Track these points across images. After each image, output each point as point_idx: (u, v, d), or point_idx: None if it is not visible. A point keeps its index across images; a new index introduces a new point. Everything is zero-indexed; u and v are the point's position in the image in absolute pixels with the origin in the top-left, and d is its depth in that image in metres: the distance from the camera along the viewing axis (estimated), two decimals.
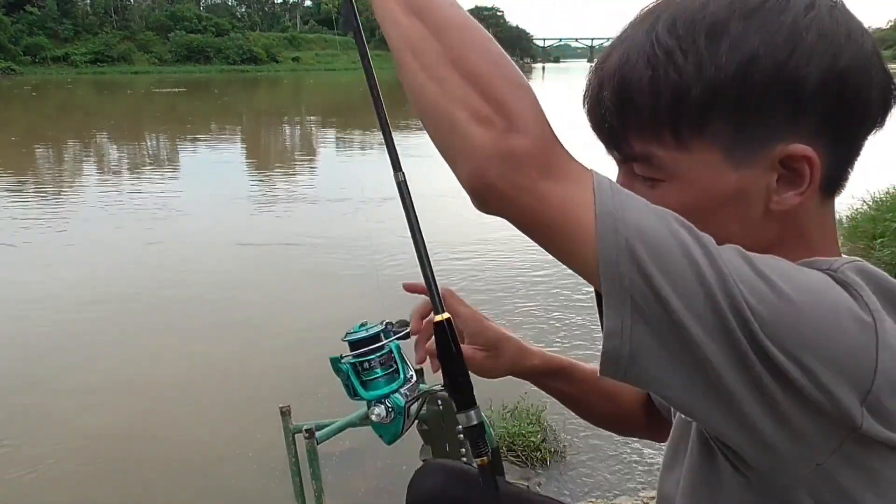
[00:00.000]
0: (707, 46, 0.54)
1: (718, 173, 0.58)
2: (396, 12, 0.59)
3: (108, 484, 3.36)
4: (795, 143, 0.56)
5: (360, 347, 0.89)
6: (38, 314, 5.49)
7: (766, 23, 0.53)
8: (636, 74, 0.57)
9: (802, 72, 0.53)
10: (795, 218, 0.60)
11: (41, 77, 51.53)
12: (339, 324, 5.26)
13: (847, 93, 0.55)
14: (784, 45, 0.53)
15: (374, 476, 3.29)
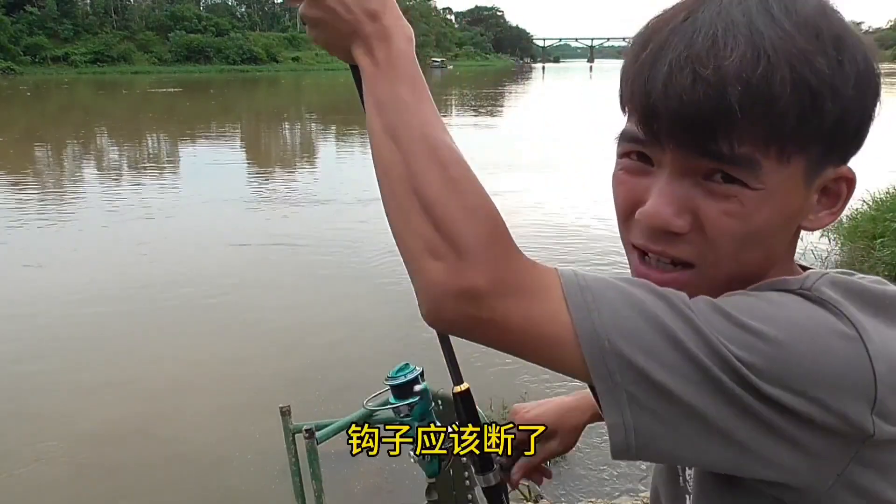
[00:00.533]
0: (836, 58, 0.53)
1: (797, 191, 0.57)
2: (377, 131, 0.59)
3: (108, 483, 3.36)
4: (844, 165, 0.58)
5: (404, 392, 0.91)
6: (36, 313, 5.49)
7: (853, 46, 0.55)
8: (779, 74, 0.52)
9: (872, 105, 0.57)
10: (797, 234, 0.63)
11: (39, 77, 51.55)
12: (338, 324, 5.28)
13: (868, 121, 0.58)
14: (871, 70, 0.56)
15: (374, 476, 3.29)
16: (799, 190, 0.57)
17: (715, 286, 0.59)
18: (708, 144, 0.54)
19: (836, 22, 0.55)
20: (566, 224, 8.07)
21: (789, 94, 0.52)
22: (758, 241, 0.58)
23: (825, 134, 0.54)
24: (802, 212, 0.59)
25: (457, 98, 35.81)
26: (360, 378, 4.19)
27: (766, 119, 0.52)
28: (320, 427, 1.99)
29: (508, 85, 51.17)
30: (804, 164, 0.55)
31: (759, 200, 0.55)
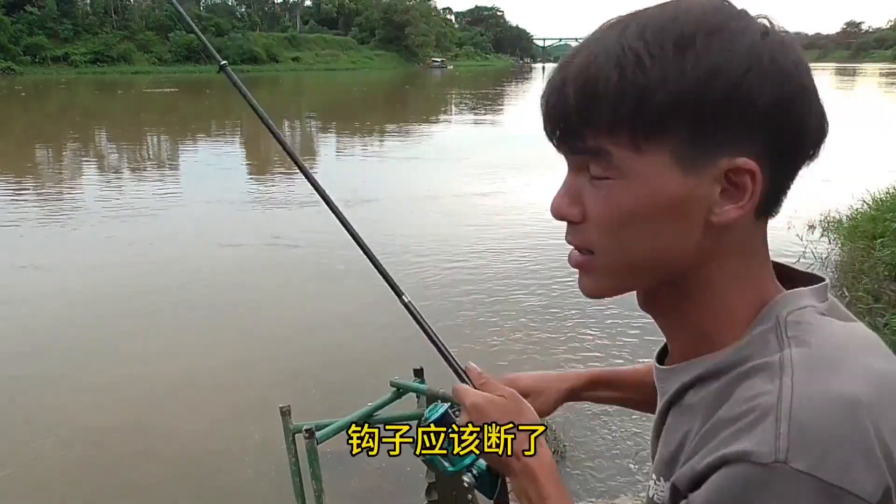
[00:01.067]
0: (674, 55, 0.57)
1: (667, 177, 0.59)
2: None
3: (108, 483, 3.36)
4: (743, 157, 0.58)
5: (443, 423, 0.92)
6: (34, 314, 5.49)
7: (727, 41, 0.57)
8: (603, 73, 0.59)
9: (755, 92, 0.57)
10: (732, 234, 0.61)
11: (37, 77, 51.50)
12: (338, 324, 5.28)
13: (791, 118, 0.59)
14: (741, 64, 0.57)
15: (374, 476, 3.29)
16: (672, 178, 0.59)
17: (615, 272, 0.65)
18: (567, 141, 0.63)
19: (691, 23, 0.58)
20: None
21: (616, 90, 0.58)
22: (636, 229, 0.61)
23: (673, 122, 0.58)
24: (697, 203, 0.60)
25: (457, 98, 35.83)
26: (361, 378, 4.19)
27: (603, 114, 0.59)
28: (320, 427, 2.00)
29: (508, 85, 51.15)
30: (668, 152, 0.59)
31: (623, 188, 0.61)
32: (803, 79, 0.60)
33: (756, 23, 0.60)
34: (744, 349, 0.60)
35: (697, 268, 0.63)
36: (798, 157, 0.61)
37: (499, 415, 0.79)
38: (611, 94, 0.58)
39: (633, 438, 3.61)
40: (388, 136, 19.09)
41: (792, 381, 0.54)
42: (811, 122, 0.60)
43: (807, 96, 0.60)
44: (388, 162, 14.13)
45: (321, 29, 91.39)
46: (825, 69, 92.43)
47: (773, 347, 0.58)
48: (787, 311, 0.61)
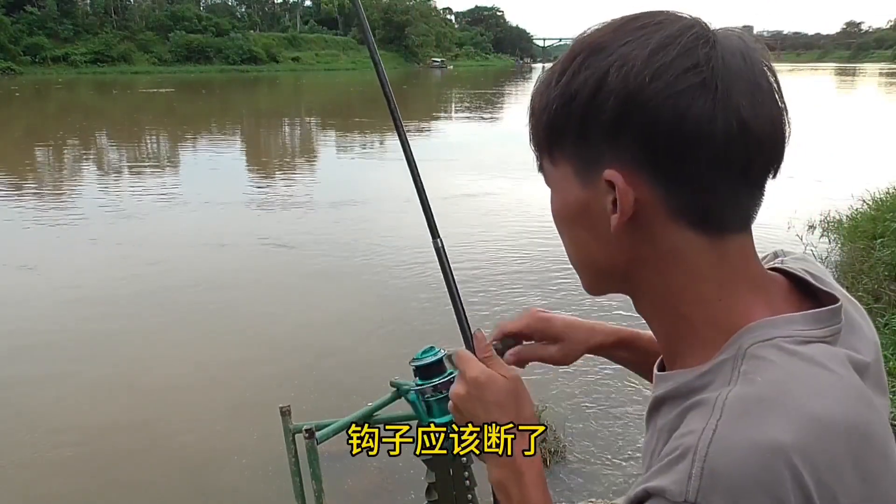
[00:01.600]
0: (556, 80, 0.63)
1: (572, 187, 0.65)
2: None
3: (107, 483, 3.37)
4: (610, 169, 0.61)
5: (429, 372, 0.91)
6: (32, 314, 5.49)
7: (596, 60, 0.61)
8: (530, 102, 0.67)
9: (605, 104, 0.60)
10: (657, 244, 0.63)
11: (32, 78, 51.46)
12: (338, 324, 5.28)
13: (650, 126, 0.59)
14: (597, 79, 0.60)
15: (374, 476, 3.29)
16: (574, 188, 0.65)
17: (580, 272, 0.71)
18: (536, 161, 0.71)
19: (582, 44, 0.63)
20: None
21: (534, 112, 0.67)
22: (566, 234, 0.69)
23: (565, 139, 0.64)
24: (597, 212, 0.64)
25: (457, 98, 35.84)
26: (361, 378, 4.19)
27: (532, 132, 0.68)
28: (320, 427, 2.00)
29: (508, 85, 51.16)
30: (571, 165, 0.65)
31: (553, 196, 0.69)
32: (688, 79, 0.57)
33: (661, 32, 0.60)
34: (705, 376, 0.60)
35: (641, 279, 0.65)
36: (697, 165, 0.59)
37: (497, 398, 0.77)
38: (535, 116, 0.67)
39: (632, 438, 3.61)
40: (371, 136, 19.11)
41: (717, 424, 0.53)
42: (707, 128, 0.57)
43: (698, 102, 0.57)
44: (371, 162, 14.14)
45: (321, 29, 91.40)
46: (825, 69, 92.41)
47: (722, 381, 0.58)
48: (751, 342, 0.59)
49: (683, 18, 0.62)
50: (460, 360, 0.81)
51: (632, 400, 3.95)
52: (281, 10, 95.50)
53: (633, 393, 4.00)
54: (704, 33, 0.60)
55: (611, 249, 0.65)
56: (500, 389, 0.78)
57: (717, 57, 0.58)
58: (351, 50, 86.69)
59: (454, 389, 0.79)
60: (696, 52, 0.59)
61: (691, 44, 0.59)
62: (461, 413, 0.78)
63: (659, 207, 0.61)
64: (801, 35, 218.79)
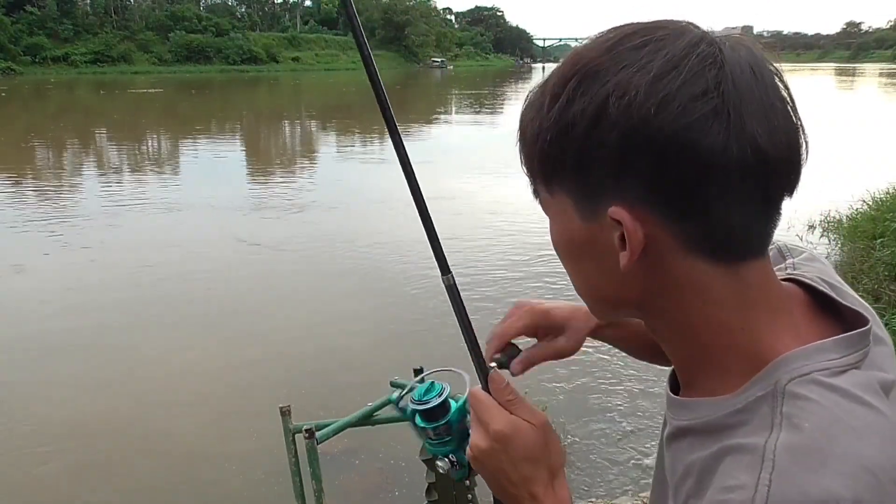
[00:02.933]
0: (548, 107, 0.58)
1: (572, 221, 0.61)
2: None
3: (106, 484, 3.36)
4: (615, 206, 0.56)
5: (434, 416, 0.84)
6: (31, 314, 5.49)
7: (592, 86, 0.56)
8: (519, 126, 0.63)
9: (606, 136, 0.55)
10: (671, 276, 0.59)
11: (32, 78, 51.45)
12: (338, 324, 5.27)
13: (658, 159, 0.54)
14: (596, 108, 0.55)
15: (374, 476, 3.29)
16: (576, 222, 0.61)
17: (586, 300, 0.68)
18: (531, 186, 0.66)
19: (574, 68, 0.58)
20: None
21: (524, 140, 0.62)
22: (570, 264, 0.65)
23: (560, 170, 0.59)
24: (603, 248, 0.59)
25: (457, 98, 35.82)
26: (360, 378, 4.19)
27: (524, 160, 0.63)
28: (320, 427, 2.00)
29: (508, 84, 51.16)
30: (570, 198, 0.60)
31: (552, 226, 0.65)
32: (681, 114, 0.53)
33: (662, 52, 0.55)
34: (740, 413, 0.57)
35: (655, 307, 0.62)
36: (710, 198, 0.55)
37: (527, 453, 0.70)
38: (527, 143, 0.62)
39: (633, 439, 3.61)
40: (370, 138, 19.10)
41: (770, 479, 0.51)
42: (721, 160, 0.54)
43: (710, 132, 0.53)
44: (371, 163, 14.14)
45: (321, 29, 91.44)
46: (825, 69, 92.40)
47: (763, 423, 0.55)
48: (788, 377, 0.56)
49: (686, 33, 0.57)
50: (479, 406, 0.73)
51: (633, 400, 3.95)
52: (281, 10, 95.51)
53: (634, 393, 4.00)
54: (711, 52, 0.55)
55: (621, 283, 0.60)
56: (529, 442, 0.70)
57: (727, 79, 0.54)
58: (351, 50, 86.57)
59: (475, 442, 0.72)
60: (704, 75, 0.54)
61: (698, 66, 0.54)
62: (484, 468, 0.72)
63: (671, 241, 0.57)
64: (801, 35, 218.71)
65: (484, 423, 0.71)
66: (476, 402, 0.73)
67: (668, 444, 0.65)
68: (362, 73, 0.85)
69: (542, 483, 0.71)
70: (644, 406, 3.91)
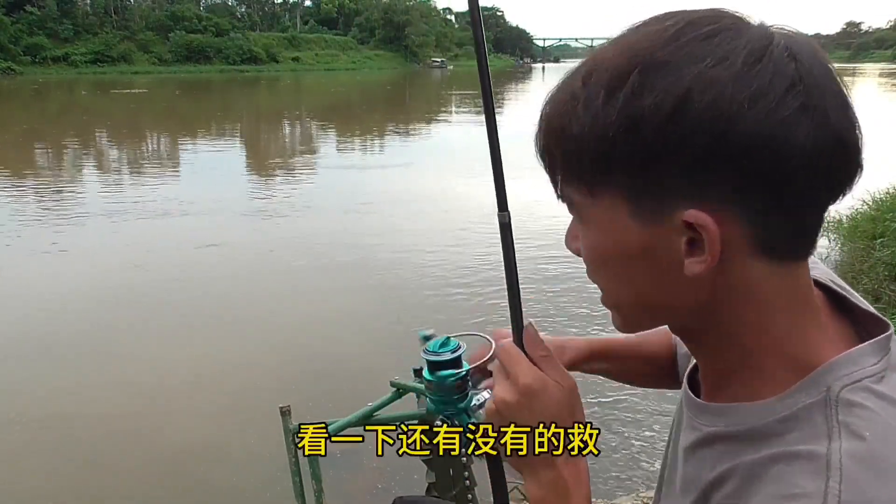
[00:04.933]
0: (604, 101, 0.53)
1: (625, 227, 0.56)
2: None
3: (105, 484, 3.37)
4: (693, 209, 0.52)
5: (442, 368, 0.82)
6: (29, 313, 5.49)
7: (663, 79, 0.51)
8: (553, 126, 0.57)
9: (689, 134, 0.51)
10: (734, 281, 0.56)
11: (31, 78, 51.39)
12: (338, 324, 5.27)
13: (749, 158, 0.51)
14: (674, 103, 0.50)
15: (374, 476, 3.29)
16: (631, 228, 0.56)
17: (619, 311, 0.64)
18: (555, 189, 0.62)
19: (632, 58, 0.53)
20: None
21: (561, 140, 0.57)
22: (614, 274, 0.61)
23: (615, 171, 0.54)
24: (664, 254, 0.55)
25: (457, 98, 35.81)
26: (361, 378, 4.19)
27: (557, 162, 0.59)
28: None
29: (508, 84, 51.16)
30: (623, 201, 0.55)
31: (591, 233, 0.60)
32: (772, 112, 0.50)
33: (739, 43, 0.51)
34: (787, 421, 0.54)
35: (702, 317, 0.59)
36: (796, 197, 0.53)
37: (552, 412, 0.66)
38: (560, 144, 0.57)
39: (633, 439, 3.61)
40: (369, 138, 19.12)
41: (840, 488, 0.49)
42: (811, 157, 0.51)
43: (801, 128, 0.50)
44: (370, 164, 14.16)
45: (321, 29, 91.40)
46: None
47: (820, 431, 0.52)
48: (840, 385, 0.54)
49: (744, 22, 0.54)
50: (509, 359, 0.69)
51: (635, 399, 3.95)
52: (281, 10, 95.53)
53: (633, 392, 4.00)
54: (784, 44, 0.52)
55: (676, 292, 0.57)
56: (556, 401, 0.67)
57: (807, 71, 0.51)
58: (350, 50, 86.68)
59: (500, 394, 0.68)
60: (787, 67, 0.51)
61: (780, 58, 0.51)
62: (504, 421, 0.68)
63: (743, 243, 0.54)
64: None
65: (513, 375, 0.67)
66: (506, 354, 0.69)
67: (694, 449, 0.63)
68: (358, 74, 0.84)
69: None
70: (644, 406, 3.91)
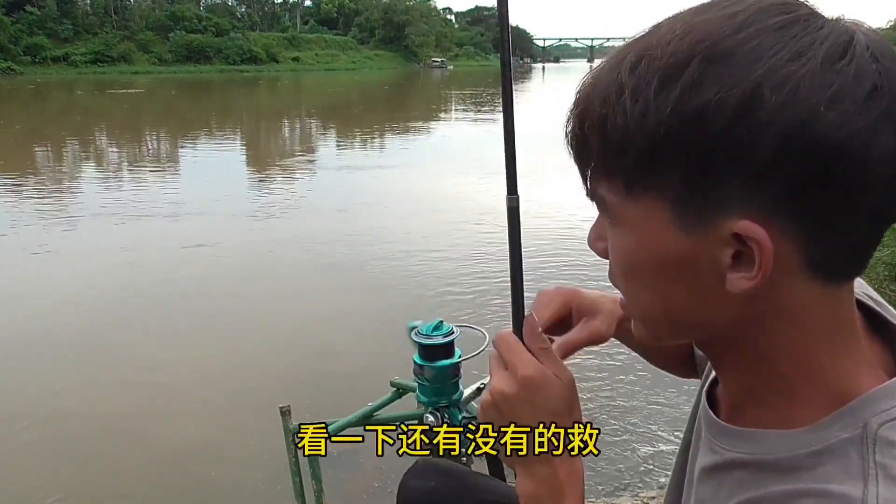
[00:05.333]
0: (656, 92, 0.47)
1: (665, 232, 0.51)
2: None
3: (104, 484, 3.36)
4: (747, 220, 0.47)
5: (435, 353, 0.81)
6: (29, 313, 5.49)
7: (729, 71, 0.45)
8: (592, 114, 0.51)
9: (756, 136, 0.45)
10: (776, 302, 0.51)
11: (31, 78, 51.35)
12: (337, 324, 5.27)
13: (821, 168, 0.45)
14: (741, 100, 0.45)
15: (374, 476, 3.29)
16: (672, 234, 0.51)
17: (642, 321, 0.59)
18: (584, 183, 0.56)
19: (691, 46, 0.47)
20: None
21: (602, 133, 0.51)
22: (644, 283, 0.55)
23: (664, 171, 0.49)
24: (706, 266, 0.51)
25: (457, 98, 35.81)
26: (360, 378, 4.19)
27: (593, 158, 0.53)
28: None
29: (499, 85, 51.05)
30: (666, 205, 0.50)
31: (625, 236, 0.54)
32: (850, 118, 0.44)
33: (817, 37, 0.46)
34: (820, 456, 0.50)
35: (736, 337, 0.54)
36: (862, 214, 0.47)
37: (551, 406, 0.64)
38: (599, 135, 0.51)
39: (634, 439, 3.61)
40: (368, 139, 19.12)
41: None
42: (888, 170, 0.46)
43: (852, 139, 0.44)
44: (369, 164, 14.16)
45: (321, 29, 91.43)
46: None
47: (855, 472, 0.48)
48: (878, 421, 0.49)
49: (823, 15, 0.48)
50: (508, 349, 0.66)
51: (635, 399, 3.95)
52: (281, 10, 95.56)
53: (636, 391, 4.00)
54: (865, 40, 0.46)
55: (713, 308, 0.52)
56: (555, 395, 0.64)
57: (889, 75, 0.46)
58: (350, 50, 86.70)
59: (498, 386, 0.65)
60: (870, 69, 0.45)
61: (863, 57, 0.46)
62: (501, 416, 0.65)
63: (796, 262, 0.49)
64: None
65: (512, 366, 0.64)
66: (504, 343, 0.66)
67: (711, 473, 0.60)
68: (357, 74, 0.84)
69: None
70: (644, 406, 3.91)
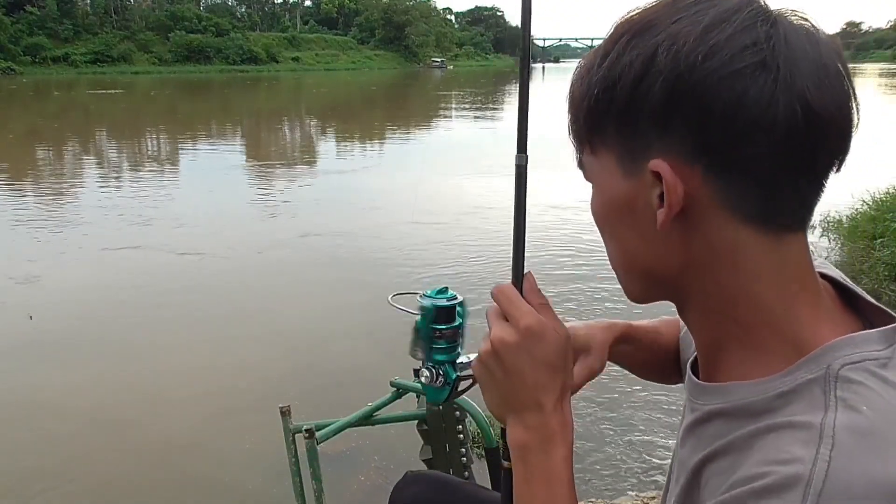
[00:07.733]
0: (600, 60, 0.58)
1: (613, 180, 0.60)
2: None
3: (104, 483, 3.36)
4: (658, 159, 0.55)
5: (437, 316, 0.83)
6: (28, 313, 5.49)
7: (642, 42, 0.55)
8: (574, 83, 0.62)
9: (653, 87, 0.54)
10: (709, 244, 0.57)
11: (31, 78, 51.37)
12: (337, 324, 5.26)
13: (703, 110, 0.53)
14: (644, 60, 0.54)
15: (374, 476, 3.29)
16: (617, 180, 0.60)
17: (621, 275, 0.65)
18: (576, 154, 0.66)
19: (629, 23, 0.57)
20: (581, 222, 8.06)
21: (576, 98, 0.62)
22: (608, 232, 0.63)
23: (606, 126, 0.59)
24: (642, 206, 0.58)
25: (457, 98, 35.82)
26: (361, 378, 4.19)
27: (573, 122, 0.63)
28: (320, 427, 2.00)
29: (507, 86, 51.14)
30: (615, 156, 0.59)
31: (594, 191, 0.64)
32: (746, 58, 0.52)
33: (718, 10, 0.54)
34: (786, 396, 0.54)
35: (691, 282, 0.60)
36: (756, 154, 0.53)
37: (548, 357, 0.67)
38: (575, 104, 0.62)
39: (634, 438, 3.61)
40: (367, 140, 19.12)
41: (830, 455, 0.48)
42: (767, 113, 0.52)
43: (757, 83, 0.51)
44: (368, 165, 14.15)
45: (321, 29, 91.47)
46: None
47: (815, 404, 0.52)
48: (840, 363, 0.53)
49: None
50: (509, 302, 0.68)
51: (632, 398, 3.95)
52: (281, 10, 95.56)
53: (633, 392, 4.00)
54: (764, 11, 0.54)
55: (659, 250, 0.59)
56: (554, 346, 0.67)
57: (779, 35, 0.53)
58: (350, 50, 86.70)
59: (499, 335, 0.67)
60: (755, 28, 0.53)
61: (749, 20, 0.53)
62: (501, 365, 0.67)
63: (713, 202, 0.55)
64: None
65: (513, 317, 0.67)
66: (505, 297, 0.68)
67: (692, 429, 0.63)
68: (356, 74, 0.84)
69: (554, 395, 0.71)
70: (644, 405, 3.91)
